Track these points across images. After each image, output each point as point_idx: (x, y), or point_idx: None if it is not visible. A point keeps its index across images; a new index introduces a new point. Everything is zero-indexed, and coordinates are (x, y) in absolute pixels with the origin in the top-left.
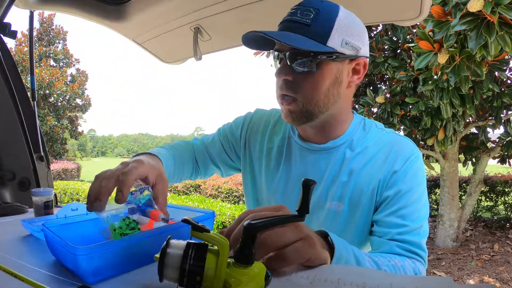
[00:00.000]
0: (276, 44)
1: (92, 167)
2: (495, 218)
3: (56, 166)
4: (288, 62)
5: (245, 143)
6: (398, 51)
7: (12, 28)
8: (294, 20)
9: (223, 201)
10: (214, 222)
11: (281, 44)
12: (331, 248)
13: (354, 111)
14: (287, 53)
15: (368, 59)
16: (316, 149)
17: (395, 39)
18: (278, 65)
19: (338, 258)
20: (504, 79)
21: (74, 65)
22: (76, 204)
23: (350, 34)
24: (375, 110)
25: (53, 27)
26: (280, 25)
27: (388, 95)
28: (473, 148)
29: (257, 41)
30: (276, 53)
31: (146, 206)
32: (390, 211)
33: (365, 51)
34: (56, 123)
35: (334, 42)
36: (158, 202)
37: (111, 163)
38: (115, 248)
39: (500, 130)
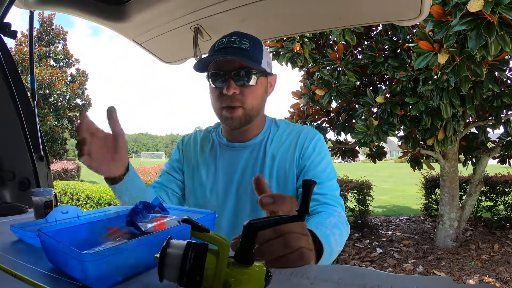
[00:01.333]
0: (219, 65)
1: None
2: (495, 218)
3: (56, 166)
4: (234, 79)
5: (183, 160)
6: (398, 51)
7: (12, 28)
8: (235, 46)
9: None
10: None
11: (228, 65)
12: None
13: (266, 114)
14: (234, 72)
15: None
16: (243, 146)
17: (395, 39)
18: (220, 83)
19: (325, 254)
20: (504, 79)
21: (74, 65)
22: (66, 206)
23: (268, 57)
24: (375, 110)
25: (53, 27)
26: (222, 48)
27: (388, 95)
28: (473, 148)
29: (202, 65)
30: (220, 72)
31: (149, 212)
32: (308, 175)
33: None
34: (56, 123)
35: (264, 63)
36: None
37: None
38: (123, 252)
39: (500, 130)
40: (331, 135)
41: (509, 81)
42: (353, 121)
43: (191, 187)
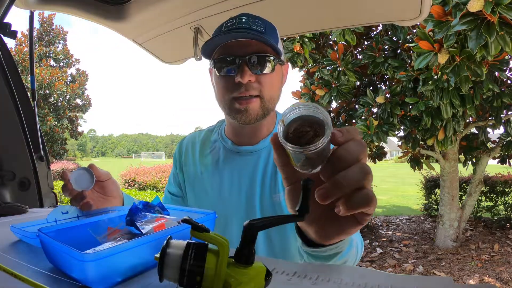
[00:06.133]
0: (229, 50)
1: None
2: (495, 218)
3: (56, 166)
4: (249, 65)
5: (182, 170)
6: (398, 51)
7: (12, 28)
8: (248, 28)
9: None
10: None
11: (240, 49)
12: None
13: (277, 110)
14: (249, 57)
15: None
16: (251, 151)
17: (395, 39)
18: (229, 71)
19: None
20: (504, 79)
21: (74, 65)
22: (66, 207)
23: (281, 44)
24: (375, 110)
25: (53, 27)
26: (232, 30)
27: (388, 95)
28: (473, 148)
29: (209, 48)
30: (230, 57)
31: (148, 211)
32: None
33: None
34: (56, 123)
35: (280, 49)
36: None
37: (111, 163)
38: (123, 252)
39: (500, 130)
40: None
41: (509, 81)
42: (353, 121)
43: (193, 200)
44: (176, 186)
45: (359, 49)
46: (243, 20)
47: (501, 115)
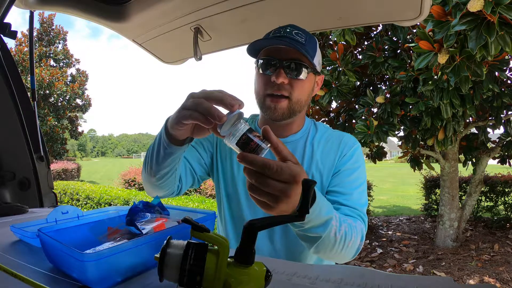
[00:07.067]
0: (272, 53)
1: (92, 167)
2: (495, 218)
3: (56, 166)
4: (285, 69)
5: (216, 144)
6: (398, 51)
7: (12, 28)
8: (291, 37)
9: None
10: (215, 223)
11: (281, 53)
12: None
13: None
14: (287, 62)
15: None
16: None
17: (395, 39)
18: (269, 71)
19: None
20: (504, 79)
21: (74, 65)
22: (66, 207)
23: (320, 57)
24: (375, 110)
25: (53, 27)
26: (278, 37)
27: (388, 95)
28: (473, 148)
29: (254, 49)
30: (271, 60)
31: (148, 211)
32: (337, 182)
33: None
34: (56, 123)
35: (316, 60)
36: None
37: (111, 163)
38: (123, 252)
39: (500, 130)
40: None
41: (509, 81)
42: (353, 121)
43: (222, 178)
44: (206, 150)
45: (359, 49)
46: (288, 30)
47: (501, 115)
